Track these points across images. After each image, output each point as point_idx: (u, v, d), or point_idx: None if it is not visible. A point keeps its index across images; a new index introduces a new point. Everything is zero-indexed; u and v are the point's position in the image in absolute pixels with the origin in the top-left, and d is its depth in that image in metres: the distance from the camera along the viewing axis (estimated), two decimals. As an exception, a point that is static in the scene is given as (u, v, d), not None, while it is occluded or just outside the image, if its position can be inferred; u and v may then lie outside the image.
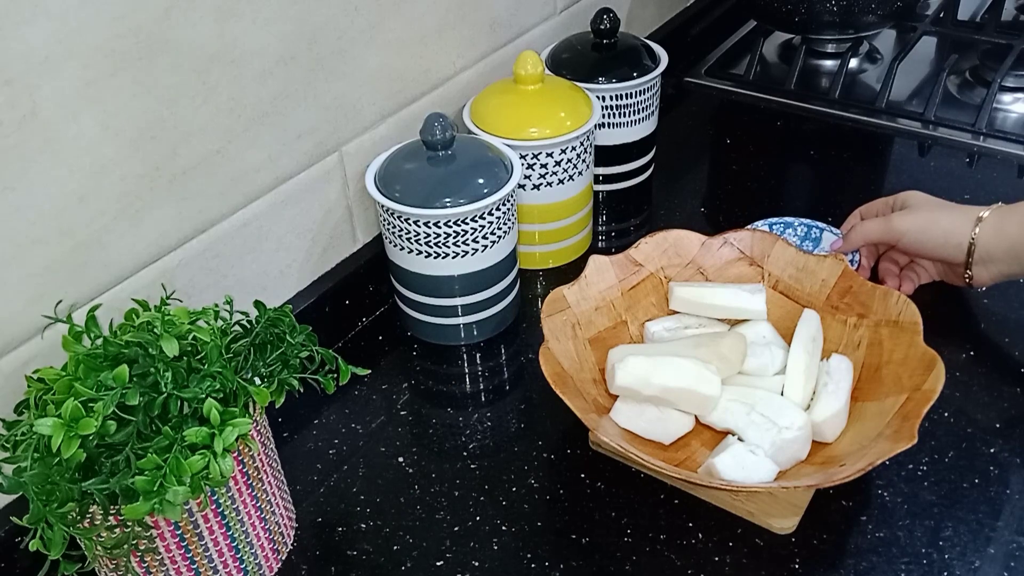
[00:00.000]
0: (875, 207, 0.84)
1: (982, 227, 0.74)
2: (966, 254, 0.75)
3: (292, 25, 0.70)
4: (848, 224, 0.85)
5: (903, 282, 0.82)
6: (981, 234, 0.74)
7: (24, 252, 0.58)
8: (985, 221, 0.74)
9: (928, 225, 0.76)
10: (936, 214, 0.77)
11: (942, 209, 0.78)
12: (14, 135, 0.55)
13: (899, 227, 0.77)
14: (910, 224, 0.77)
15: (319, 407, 0.76)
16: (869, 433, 0.64)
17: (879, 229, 0.79)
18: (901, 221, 0.78)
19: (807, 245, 0.86)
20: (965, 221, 0.75)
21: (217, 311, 0.59)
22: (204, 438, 0.51)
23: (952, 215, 0.76)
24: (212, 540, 0.57)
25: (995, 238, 0.74)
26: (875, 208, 0.84)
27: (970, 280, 0.77)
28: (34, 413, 0.53)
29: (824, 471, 0.63)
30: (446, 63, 0.88)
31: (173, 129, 0.64)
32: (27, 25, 0.54)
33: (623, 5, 1.13)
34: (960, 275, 0.78)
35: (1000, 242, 0.74)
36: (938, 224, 0.76)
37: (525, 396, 0.78)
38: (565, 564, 0.63)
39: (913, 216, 0.78)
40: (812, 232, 0.87)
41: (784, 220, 0.88)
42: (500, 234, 0.77)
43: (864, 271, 0.82)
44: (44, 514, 0.49)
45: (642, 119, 0.96)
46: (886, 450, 0.60)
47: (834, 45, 1.22)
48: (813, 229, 0.87)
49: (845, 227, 0.84)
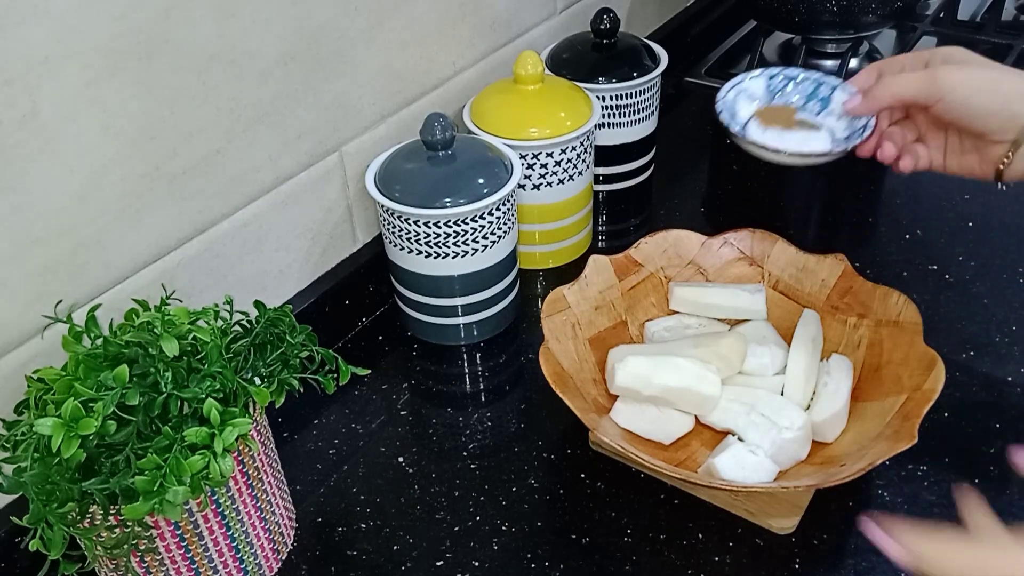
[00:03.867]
0: (900, 62, 0.68)
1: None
2: (1020, 131, 0.63)
3: (292, 25, 0.70)
4: (865, 78, 0.69)
5: (903, 155, 0.69)
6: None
7: (24, 252, 0.58)
8: None
9: (985, 84, 0.63)
10: (995, 73, 0.63)
11: (1000, 70, 0.64)
12: (14, 135, 0.55)
13: (947, 81, 0.63)
14: (962, 80, 0.63)
15: (319, 407, 0.76)
16: (869, 433, 0.64)
17: (918, 83, 0.64)
18: (949, 75, 0.63)
19: (814, 106, 0.72)
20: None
21: (217, 311, 0.59)
22: (204, 438, 0.51)
23: (1011, 79, 0.63)
24: (212, 540, 0.57)
25: None
26: (900, 63, 0.68)
27: (1005, 166, 0.64)
28: (34, 413, 0.53)
29: (824, 471, 0.63)
30: (446, 63, 0.88)
31: (173, 129, 0.64)
32: (27, 25, 0.54)
33: (623, 5, 1.13)
34: (994, 158, 0.65)
35: None
36: (998, 86, 0.63)
37: (525, 396, 0.78)
38: (565, 564, 0.63)
39: (966, 72, 0.64)
40: (820, 90, 0.73)
41: (785, 71, 0.74)
42: (500, 234, 0.77)
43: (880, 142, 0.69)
44: (44, 514, 0.49)
45: (642, 119, 0.96)
46: (886, 450, 0.60)
47: (834, 45, 1.21)
48: (822, 86, 0.73)
49: (862, 82, 0.69)
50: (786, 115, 0.72)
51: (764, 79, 0.73)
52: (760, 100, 0.73)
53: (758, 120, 0.72)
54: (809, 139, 0.70)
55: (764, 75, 0.74)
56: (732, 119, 0.71)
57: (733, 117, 0.71)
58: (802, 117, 0.72)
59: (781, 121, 0.72)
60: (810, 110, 0.72)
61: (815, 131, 0.71)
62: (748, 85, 0.73)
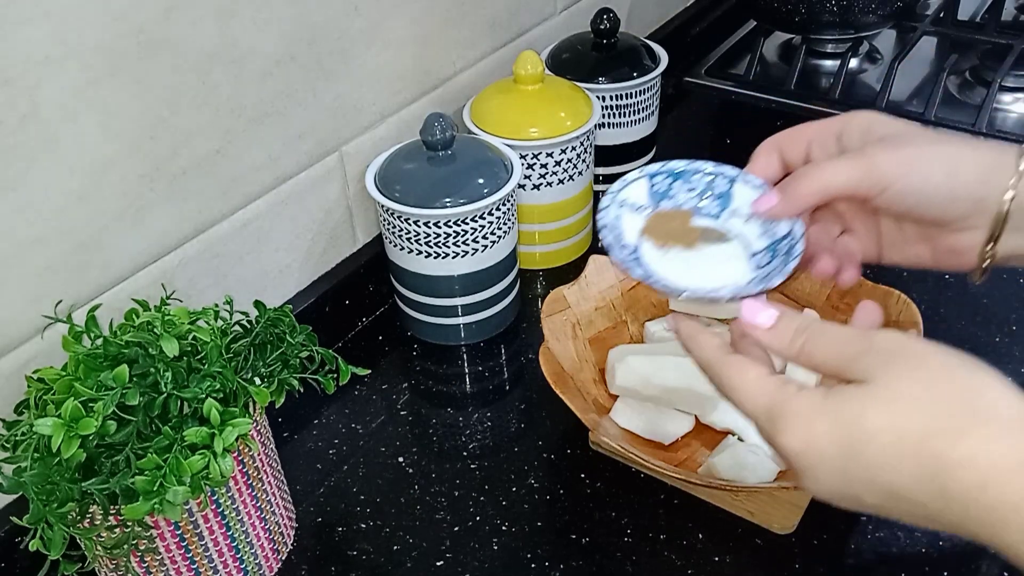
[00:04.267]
0: (804, 135, 0.53)
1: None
2: (994, 218, 0.48)
3: (292, 25, 0.70)
4: (765, 163, 0.53)
5: (844, 267, 0.54)
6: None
7: (24, 252, 0.58)
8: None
9: (939, 166, 0.48)
10: (946, 150, 0.48)
11: (948, 143, 0.48)
12: (14, 135, 0.55)
13: (890, 168, 0.48)
14: (909, 163, 0.48)
15: (319, 407, 0.76)
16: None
17: (853, 173, 0.48)
18: (891, 159, 0.48)
19: (712, 204, 0.55)
20: (993, 164, 0.48)
21: (217, 311, 0.59)
22: (204, 438, 0.51)
23: (969, 154, 0.48)
24: (212, 540, 0.57)
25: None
26: (805, 138, 0.53)
27: (988, 259, 0.49)
28: (34, 413, 0.53)
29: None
30: (446, 63, 0.88)
31: (173, 129, 0.64)
32: (27, 25, 0.54)
33: (623, 5, 1.13)
34: (956, 247, 0.50)
35: None
36: (956, 166, 0.48)
37: (525, 396, 0.78)
38: (565, 564, 0.63)
39: (910, 152, 0.48)
40: (716, 183, 0.56)
41: (668, 166, 0.56)
42: (500, 234, 0.77)
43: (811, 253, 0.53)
44: (44, 514, 0.49)
45: (642, 119, 0.96)
46: (886, 450, 0.60)
47: (834, 45, 1.22)
48: (717, 178, 0.56)
49: (762, 168, 0.53)
50: (681, 223, 0.55)
51: (645, 181, 0.56)
52: (646, 209, 0.56)
53: (650, 239, 0.54)
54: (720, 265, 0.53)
55: (644, 177, 0.56)
56: (617, 243, 0.53)
57: (618, 240, 0.54)
58: (702, 223, 0.55)
59: (678, 234, 0.54)
60: (708, 211, 0.55)
61: (724, 244, 0.54)
62: (628, 194, 0.56)
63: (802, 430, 0.40)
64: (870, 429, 0.39)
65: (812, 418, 0.40)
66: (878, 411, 0.39)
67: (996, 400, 0.38)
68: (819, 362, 0.42)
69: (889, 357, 0.40)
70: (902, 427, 0.38)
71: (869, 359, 0.40)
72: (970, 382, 0.39)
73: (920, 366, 0.39)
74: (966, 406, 0.38)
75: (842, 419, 0.39)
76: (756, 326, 0.45)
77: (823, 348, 0.42)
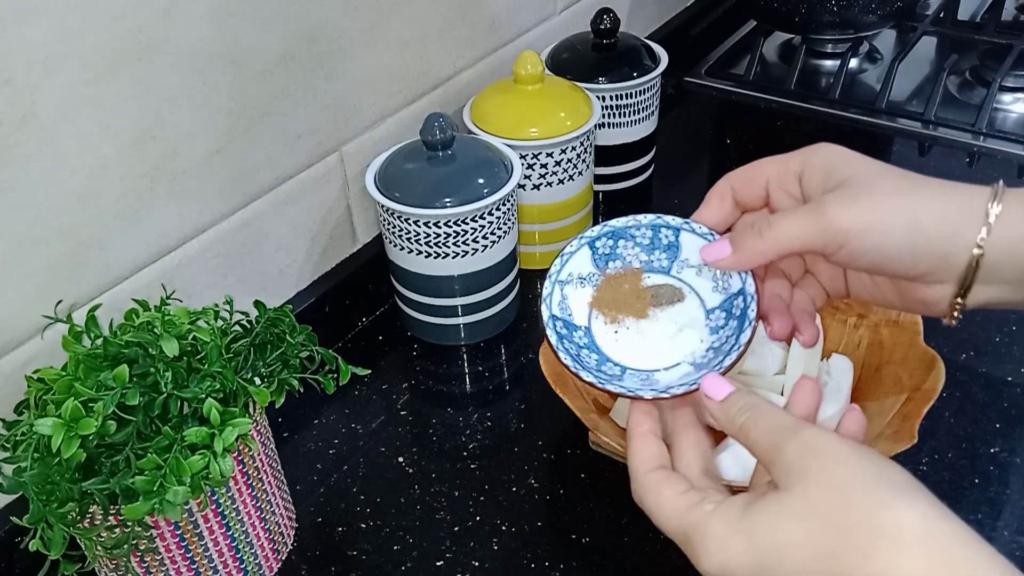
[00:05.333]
0: (762, 175, 0.50)
1: (999, 227, 0.43)
2: (964, 272, 0.45)
3: (292, 25, 0.70)
4: (717, 207, 0.51)
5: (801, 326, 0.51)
6: (998, 239, 0.43)
7: (24, 252, 0.58)
8: (1002, 219, 0.43)
9: (898, 222, 0.44)
10: (904, 203, 0.44)
11: (907, 194, 0.45)
12: (14, 135, 0.55)
13: (845, 225, 0.44)
14: (865, 220, 0.44)
15: (319, 407, 0.76)
16: (869, 433, 0.64)
17: (806, 230, 0.45)
18: (845, 215, 0.44)
19: (659, 259, 0.53)
20: (959, 216, 0.44)
21: (217, 311, 0.59)
22: (204, 438, 0.51)
23: (932, 205, 0.44)
24: (212, 540, 0.57)
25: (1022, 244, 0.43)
26: (763, 177, 0.50)
27: (958, 309, 0.47)
28: (34, 413, 0.53)
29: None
30: (446, 63, 0.88)
31: (173, 129, 0.64)
32: (27, 25, 0.54)
33: (623, 5, 1.13)
34: (924, 298, 0.47)
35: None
36: (916, 222, 0.44)
37: (525, 396, 0.78)
38: (565, 564, 0.63)
39: (866, 207, 0.44)
40: (662, 234, 0.53)
41: (607, 226, 0.54)
42: (500, 234, 0.77)
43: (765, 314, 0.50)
44: (44, 514, 0.49)
45: (642, 119, 0.96)
46: (886, 450, 0.60)
47: (834, 45, 1.22)
48: (662, 230, 0.53)
49: (714, 213, 0.51)
50: (632, 285, 0.52)
51: (586, 249, 0.53)
52: (594, 276, 0.53)
53: (599, 313, 0.52)
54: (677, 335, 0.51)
55: (584, 245, 0.53)
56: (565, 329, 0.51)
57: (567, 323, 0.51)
58: (654, 280, 0.52)
59: (628, 301, 0.52)
60: (658, 265, 0.53)
61: (678, 306, 0.52)
62: (571, 268, 0.53)
63: (717, 552, 0.41)
64: (782, 546, 0.39)
65: (727, 540, 0.40)
66: (791, 526, 0.39)
67: (909, 517, 0.37)
68: (753, 442, 0.43)
69: (806, 460, 0.40)
70: (814, 542, 0.38)
71: (789, 457, 0.40)
72: (881, 496, 0.38)
73: (834, 474, 0.39)
74: (876, 522, 0.37)
75: (755, 538, 0.40)
76: (710, 397, 0.46)
77: (759, 429, 0.43)
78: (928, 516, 0.38)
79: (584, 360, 0.50)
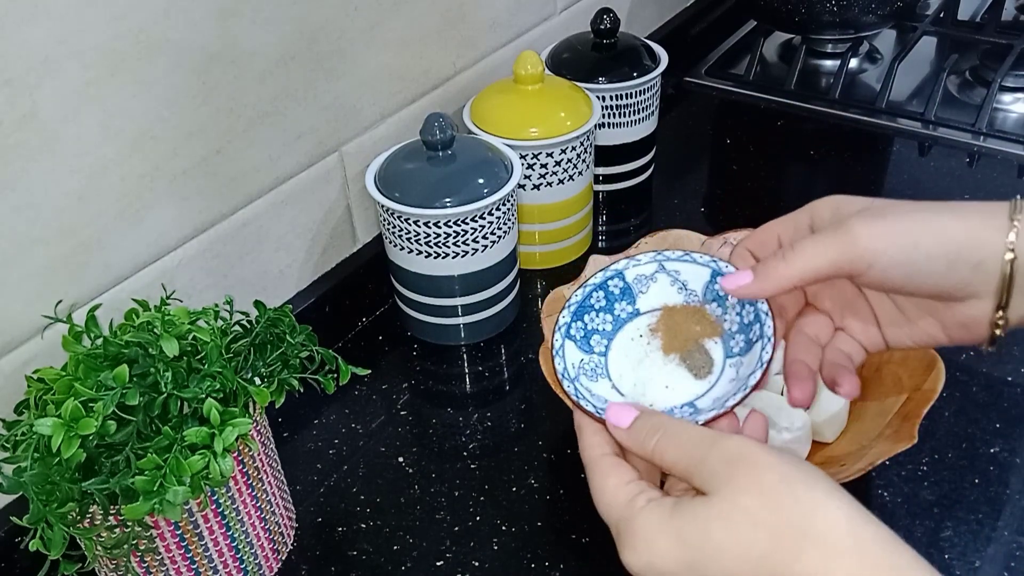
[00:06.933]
0: (773, 234, 0.50)
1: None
2: (1000, 281, 0.44)
3: (292, 25, 0.70)
4: (731, 254, 0.51)
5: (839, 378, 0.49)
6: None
7: (24, 252, 0.58)
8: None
9: (926, 235, 0.44)
10: (923, 216, 0.44)
11: (926, 209, 0.45)
12: (14, 135, 0.55)
13: (872, 242, 0.44)
14: (892, 235, 0.44)
15: (319, 407, 0.76)
16: (869, 433, 0.64)
17: (833, 250, 0.45)
18: (872, 232, 0.44)
19: (679, 290, 0.52)
20: (983, 223, 0.44)
21: (217, 311, 0.59)
22: (204, 438, 0.51)
23: (955, 216, 0.44)
24: (212, 540, 0.57)
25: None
26: (774, 235, 0.50)
27: (1001, 327, 0.45)
28: (34, 413, 0.53)
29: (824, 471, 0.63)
30: (446, 63, 0.88)
31: (173, 129, 0.64)
32: (27, 25, 0.54)
33: (623, 5, 1.13)
34: (965, 320, 0.46)
35: None
36: (943, 233, 0.44)
37: (525, 396, 0.78)
38: (565, 564, 0.63)
39: (893, 223, 0.44)
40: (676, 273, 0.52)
41: (614, 270, 0.53)
42: (500, 234, 0.77)
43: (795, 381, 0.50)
44: (44, 514, 0.49)
45: (642, 119, 0.96)
46: (886, 450, 0.60)
47: (834, 45, 1.22)
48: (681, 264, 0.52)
49: (732, 257, 0.51)
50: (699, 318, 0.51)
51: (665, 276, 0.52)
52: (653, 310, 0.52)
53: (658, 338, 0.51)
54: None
55: (578, 296, 0.52)
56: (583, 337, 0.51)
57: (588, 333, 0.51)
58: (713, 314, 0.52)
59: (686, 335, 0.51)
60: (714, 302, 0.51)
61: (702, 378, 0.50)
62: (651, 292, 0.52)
63: (644, 549, 0.41)
64: (712, 548, 0.39)
65: (654, 537, 0.40)
66: (720, 528, 0.39)
67: (836, 520, 0.38)
68: (670, 463, 0.43)
69: (732, 467, 0.40)
70: (744, 544, 0.38)
71: (713, 465, 0.40)
72: (808, 500, 0.38)
73: (761, 479, 0.39)
74: (804, 524, 0.38)
75: (684, 537, 0.39)
76: (615, 426, 0.45)
77: (673, 449, 0.42)
78: (854, 519, 0.38)
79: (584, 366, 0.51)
